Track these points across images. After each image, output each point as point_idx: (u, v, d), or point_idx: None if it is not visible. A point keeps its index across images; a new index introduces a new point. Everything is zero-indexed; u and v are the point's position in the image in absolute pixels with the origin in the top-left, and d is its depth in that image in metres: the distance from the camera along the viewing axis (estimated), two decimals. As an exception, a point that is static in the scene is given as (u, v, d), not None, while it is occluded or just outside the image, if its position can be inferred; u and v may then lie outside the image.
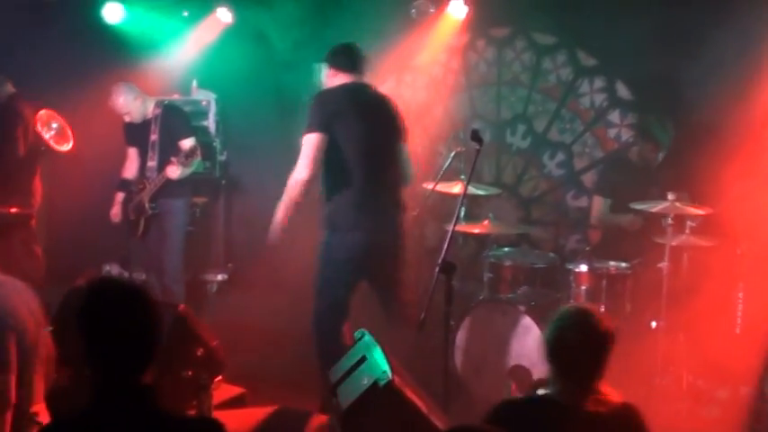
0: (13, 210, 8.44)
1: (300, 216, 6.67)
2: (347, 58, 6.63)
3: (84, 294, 3.39)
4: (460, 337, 7.17)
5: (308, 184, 6.30)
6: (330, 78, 6.63)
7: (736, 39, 7.15)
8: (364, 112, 6.51)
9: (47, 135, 8.58)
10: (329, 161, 6.33)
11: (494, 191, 8.22)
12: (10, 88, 8.76)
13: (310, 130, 6.28)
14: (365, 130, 6.44)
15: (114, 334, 3.32)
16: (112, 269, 9.88)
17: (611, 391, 3.89)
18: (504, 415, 3.89)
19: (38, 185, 8.85)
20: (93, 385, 3.33)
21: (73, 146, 8.90)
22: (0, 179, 8.68)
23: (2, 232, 8.54)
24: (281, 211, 6.38)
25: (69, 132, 8.86)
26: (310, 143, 6.26)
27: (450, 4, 8.46)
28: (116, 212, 8.39)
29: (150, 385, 3.38)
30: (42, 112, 8.66)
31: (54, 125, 8.71)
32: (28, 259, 8.65)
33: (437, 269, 5.31)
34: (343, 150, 6.33)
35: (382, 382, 4.85)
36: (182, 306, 6.02)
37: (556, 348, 3.82)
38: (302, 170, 6.27)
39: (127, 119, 8.21)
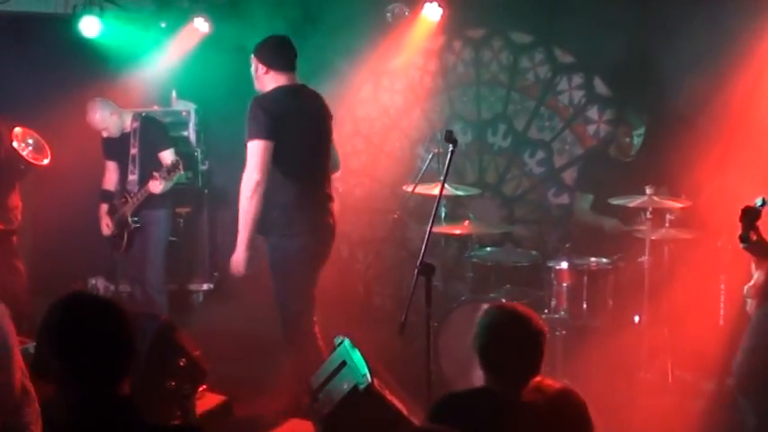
0: (9, 227, 8.42)
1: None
2: (285, 56, 6.50)
3: (55, 310, 3.40)
4: (444, 338, 7.19)
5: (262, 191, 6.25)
6: (262, 76, 6.47)
7: (712, 31, 7.16)
8: (306, 117, 6.50)
9: (24, 152, 8.55)
10: (275, 166, 6.28)
11: (474, 191, 8.22)
12: None
13: (257, 137, 6.21)
14: (307, 134, 6.46)
15: (87, 348, 3.33)
16: (98, 282, 9.88)
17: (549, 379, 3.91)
18: (446, 407, 3.95)
19: (17, 202, 8.82)
20: (71, 400, 3.35)
21: (51, 160, 8.88)
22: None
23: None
24: (244, 234, 6.34)
25: (46, 147, 8.84)
26: (259, 150, 6.21)
27: (425, 6, 8.43)
28: (107, 223, 8.39)
29: (128, 396, 3.40)
30: (17, 129, 8.63)
31: (30, 140, 8.67)
32: (9, 275, 8.62)
33: (416, 271, 5.29)
34: (288, 154, 6.29)
35: (362, 386, 4.88)
36: (164, 316, 6.05)
37: (488, 348, 3.84)
38: (254, 176, 6.21)
39: (104, 134, 8.24)
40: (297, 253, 6.39)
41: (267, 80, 6.43)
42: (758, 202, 5.36)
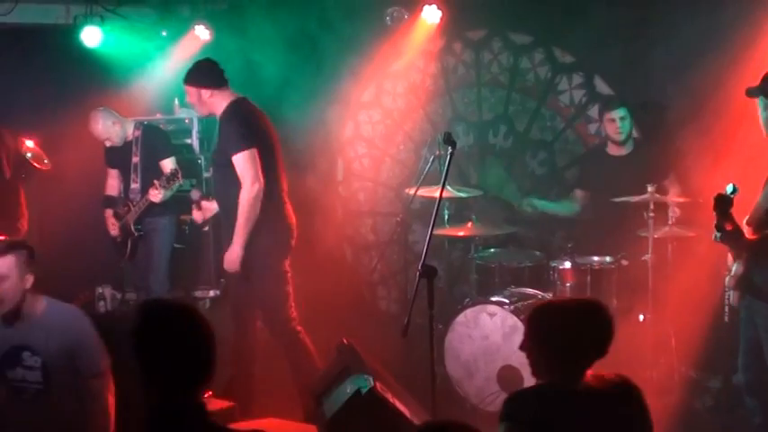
0: (2, 237, 8.43)
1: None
2: (220, 73, 6.78)
3: (136, 316, 3.46)
4: (450, 340, 7.19)
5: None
6: (209, 100, 6.71)
7: (712, 28, 7.16)
8: (265, 122, 6.79)
9: (28, 156, 8.66)
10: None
11: (475, 192, 8.23)
12: None
13: (245, 147, 6.41)
14: (270, 139, 6.71)
15: (162, 354, 3.39)
16: (105, 291, 9.89)
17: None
18: (516, 406, 3.88)
19: (23, 211, 8.86)
20: (149, 404, 3.40)
21: (55, 169, 8.94)
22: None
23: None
24: (243, 235, 6.53)
25: (42, 153, 8.91)
26: (250, 158, 6.42)
27: (424, 9, 8.46)
28: (113, 223, 8.41)
29: (202, 405, 3.44)
30: (22, 139, 8.71)
31: (29, 144, 8.78)
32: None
33: (417, 273, 5.30)
34: (264, 160, 6.49)
35: (365, 390, 4.88)
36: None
37: (551, 339, 3.83)
38: (255, 183, 6.41)
39: (107, 144, 8.28)
40: (281, 255, 6.78)
41: (216, 101, 6.69)
42: (728, 189, 5.36)
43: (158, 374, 3.41)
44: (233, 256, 6.62)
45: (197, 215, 8.11)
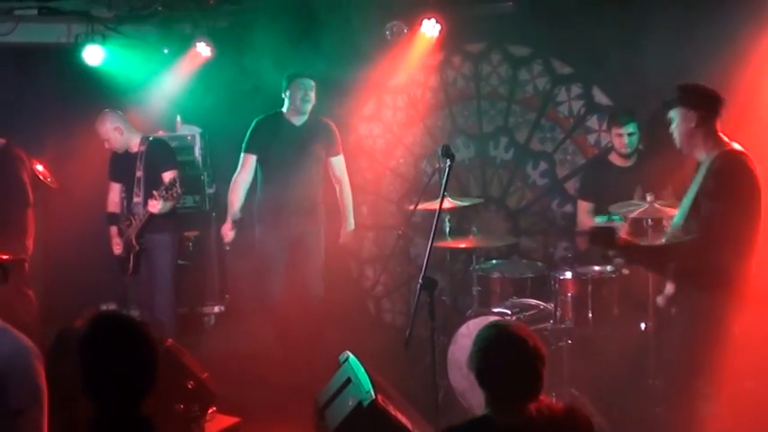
0: (6, 257, 8.47)
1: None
2: None
3: (84, 328, 3.53)
4: (452, 351, 7.20)
5: None
6: None
7: (711, 37, 7.18)
8: None
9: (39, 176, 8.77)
10: None
11: (476, 200, 8.25)
12: None
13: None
14: None
15: (103, 363, 3.41)
16: (109, 308, 9.93)
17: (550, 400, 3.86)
18: None
19: (31, 229, 8.92)
20: (92, 418, 3.42)
21: (59, 188, 9.01)
22: (2, 224, 8.76)
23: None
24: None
25: (48, 172, 8.99)
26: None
27: (423, 23, 8.49)
28: (117, 243, 8.41)
29: (146, 416, 3.46)
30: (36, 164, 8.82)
31: (39, 167, 8.86)
32: (20, 302, 8.69)
33: (418, 286, 5.33)
34: None
35: (366, 402, 4.91)
36: (169, 340, 6.09)
37: (484, 373, 3.74)
38: None
39: (106, 145, 8.28)
40: None
41: None
42: (600, 219, 5.47)
43: (98, 386, 3.44)
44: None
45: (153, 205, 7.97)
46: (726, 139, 5.52)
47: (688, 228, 5.55)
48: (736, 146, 5.50)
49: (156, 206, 7.82)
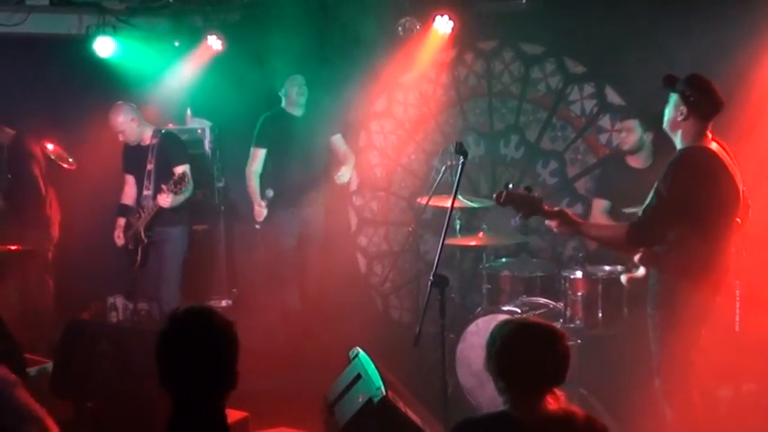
0: (15, 247, 8.51)
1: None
2: None
3: (165, 323, 3.53)
4: (461, 349, 7.20)
5: None
6: None
7: (726, 34, 7.15)
8: None
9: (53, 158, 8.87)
10: None
11: (487, 202, 8.24)
12: (8, 130, 8.94)
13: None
14: None
15: (179, 359, 3.46)
16: (117, 301, 9.95)
17: (565, 402, 3.82)
18: None
19: (56, 215, 9.00)
20: (171, 415, 3.47)
21: (75, 163, 9.12)
22: (18, 216, 8.82)
23: (17, 266, 8.68)
24: None
25: (64, 152, 9.06)
26: None
27: (436, 20, 8.48)
28: (119, 235, 8.43)
29: (221, 414, 3.52)
30: (43, 143, 8.89)
31: (50, 147, 8.94)
32: (39, 291, 8.78)
33: (429, 283, 5.32)
34: None
35: (376, 399, 4.89)
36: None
37: (495, 360, 3.75)
38: None
39: (120, 138, 8.28)
40: None
41: None
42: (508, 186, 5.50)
43: (174, 380, 3.45)
44: None
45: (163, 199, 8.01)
46: (709, 137, 5.47)
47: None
48: (714, 145, 5.45)
49: (166, 200, 7.84)
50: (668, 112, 5.55)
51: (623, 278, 5.89)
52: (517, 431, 3.70)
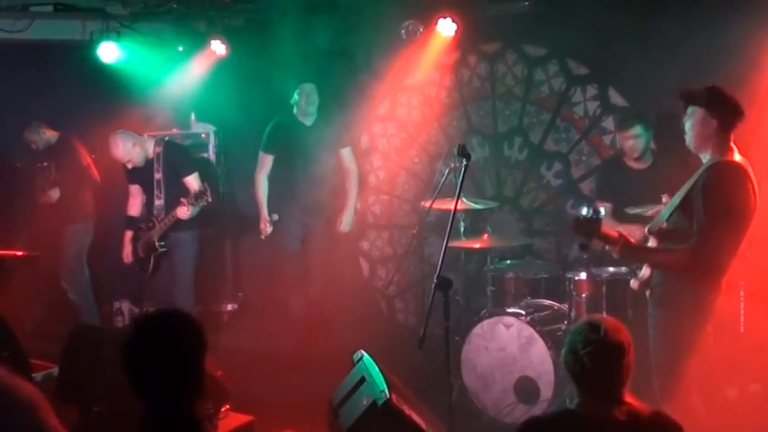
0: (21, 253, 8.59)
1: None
2: None
3: (129, 326, 3.52)
4: (466, 351, 7.21)
5: None
6: None
7: (729, 36, 7.14)
8: None
9: None
10: None
11: (491, 204, 8.24)
12: (51, 131, 9.29)
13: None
14: None
15: (147, 366, 3.43)
16: (123, 305, 9.95)
17: (638, 402, 3.87)
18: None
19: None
20: (141, 417, 3.48)
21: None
22: (78, 204, 9.29)
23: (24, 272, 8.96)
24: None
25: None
26: None
27: (439, 22, 8.48)
28: (127, 253, 8.44)
29: (195, 419, 3.47)
30: None
31: None
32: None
33: (433, 285, 5.32)
34: None
35: (380, 402, 4.90)
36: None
37: (570, 367, 3.80)
38: None
39: (129, 166, 8.29)
40: None
41: None
42: (583, 211, 5.46)
43: (144, 388, 3.44)
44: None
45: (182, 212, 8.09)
46: (734, 148, 5.46)
47: (673, 222, 5.53)
48: (738, 157, 5.43)
49: (185, 213, 7.87)
50: (694, 128, 5.50)
51: (633, 283, 5.87)
52: (586, 429, 3.77)
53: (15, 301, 8.19)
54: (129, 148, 8.17)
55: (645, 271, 5.73)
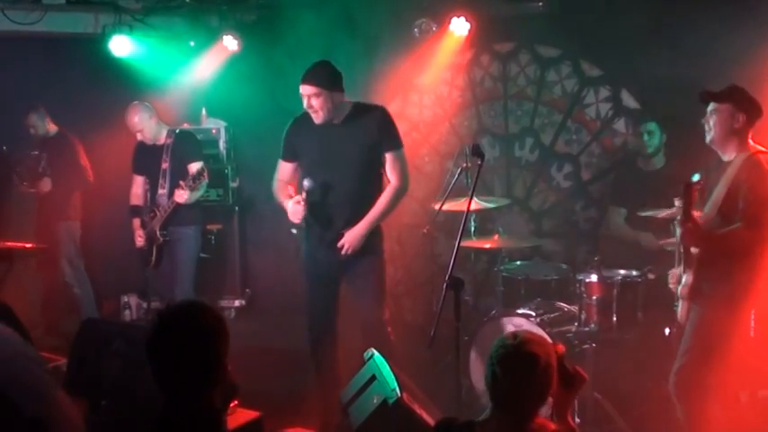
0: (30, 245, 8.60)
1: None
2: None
3: (154, 319, 3.55)
4: (475, 352, 7.18)
5: None
6: (340, 101, 6.68)
7: (742, 40, 7.12)
8: None
9: None
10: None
11: (503, 201, 8.22)
12: (52, 124, 9.32)
13: (401, 144, 6.85)
14: None
15: (167, 355, 3.48)
16: (130, 299, 9.95)
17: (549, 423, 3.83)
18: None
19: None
20: (161, 408, 3.51)
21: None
22: (72, 203, 9.31)
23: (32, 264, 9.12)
24: (374, 223, 6.85)
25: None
26: (404, 156, 6.86)
27: (453, 21, 8.48)
28: (139, 235, 8.36)
29: (213, 407, 3.58)
30: None
31: None
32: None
33: (444, 285, 5.30)
34: None
35: (391, 400, 4.90)
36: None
37: (486, 376, 3.75)
38: (408, 182, 6.95)
39: (139, 137, 8.27)
40: None
41: (342, 99, 6.75)
42: (694, 177, 5.53)
43: (165, 377, 3.46)
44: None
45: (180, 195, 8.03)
46: (752, 142, 5.57)
47: (720, 218, 5.61)
48: (761, 148, 5.56)
49: (182, 196, 7.82)
50: (721, 123, 5.60)
51: (682, 289, 5.90)
52: None
53: (23, 295, 8.20)
54: (146, 119, 8.17)
55: (688, 277, 5.77)
